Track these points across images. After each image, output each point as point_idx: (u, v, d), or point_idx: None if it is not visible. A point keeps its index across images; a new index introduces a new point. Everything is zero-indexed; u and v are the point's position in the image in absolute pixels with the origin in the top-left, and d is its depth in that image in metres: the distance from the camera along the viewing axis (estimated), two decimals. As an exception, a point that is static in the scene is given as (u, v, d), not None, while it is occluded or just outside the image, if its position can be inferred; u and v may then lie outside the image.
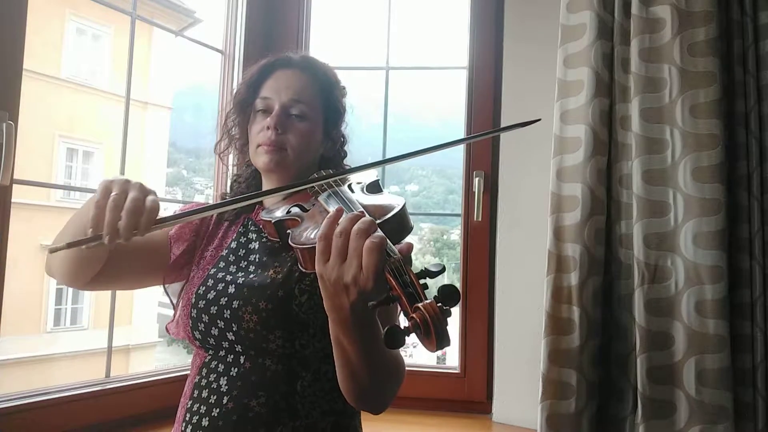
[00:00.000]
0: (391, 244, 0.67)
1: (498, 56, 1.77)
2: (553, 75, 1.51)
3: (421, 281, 0.64)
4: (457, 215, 1.82)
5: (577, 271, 1.38)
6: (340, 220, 0.69)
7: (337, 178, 0.91)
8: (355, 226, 0.67)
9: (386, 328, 0.59)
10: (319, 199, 0.89)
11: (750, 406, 1.33)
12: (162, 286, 1.07)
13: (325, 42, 2.19)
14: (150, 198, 0.77)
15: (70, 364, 7.78)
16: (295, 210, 0.91)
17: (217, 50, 1.87)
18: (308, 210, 0.90)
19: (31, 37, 1.29)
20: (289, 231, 0.84)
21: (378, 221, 0.74)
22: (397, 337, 0.59)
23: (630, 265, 1.40)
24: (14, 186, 1.25)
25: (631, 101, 1.42)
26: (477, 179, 1.74)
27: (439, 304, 0.59)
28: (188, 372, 1.02)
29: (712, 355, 1.28)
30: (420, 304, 0.59)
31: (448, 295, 0.61)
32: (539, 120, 0.99)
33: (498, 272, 1.72)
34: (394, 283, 0.63)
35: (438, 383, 1.72)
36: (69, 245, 0.74)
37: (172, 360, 9.74)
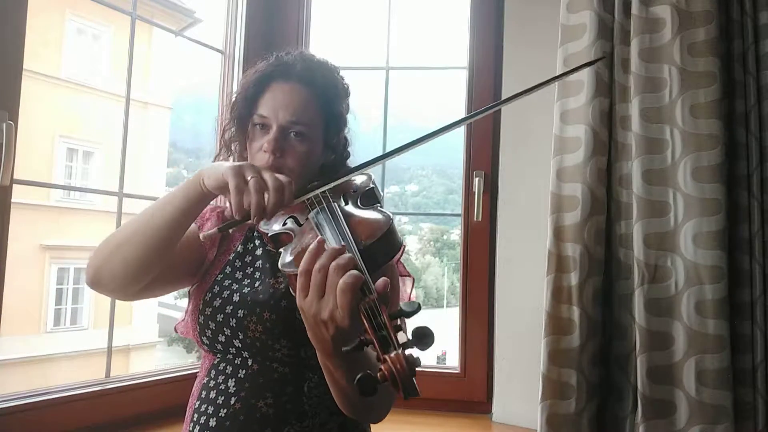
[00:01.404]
0: (369, 279, 0.67)
1: (498, 56, 1.77)
2: (553, 75, 1.51)
3: (396, 322, 0.64)
4: (457, 215, 1.82)
5: (577, 271, 1.38)
6: (322, 254, 0.70)
7: (337, 183, 0.89)
8: (334, 262, 0.68)
9: (358, 377, 0.60)
10: (309, 216, 0.88)
11: (750, 406, 1.33)
12: (189, 288, 1.06)
13: (326, 42, 2.19)
14: (282, 175, 0.80)
15: (70, 364, 7.78)
16: (290, 223, 0.91)
17: (217, 50, 1.87)
18: (302, 225, 0.89)
19: (31, 37, 1.29)
20: (281, 250, 0.85)
21: (364, 243, 0.75)
22: (369, 386, 0.59)
23: (630, 265, 1.40)
24: (14, 186, 1.25)
25: (631, 101, 1.41)
26: (477, 179, 1.74)
27: (409, 352, 0.59)
28: (188, 372, 1.03)
29: (712, 355, 1.28)
30: (388, 356, 0.60)
31: (420, 337, 0.62)
32: (604, 57, 0.98)
33: (498, 272, 1.72)
34: (367, 325, 0.64)
35: (438, 383, 1.72)
36: (220, 230, 0.79)
37: (172, 360, 9.74)
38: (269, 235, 0.90)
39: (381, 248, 0.78)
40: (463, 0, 1.85)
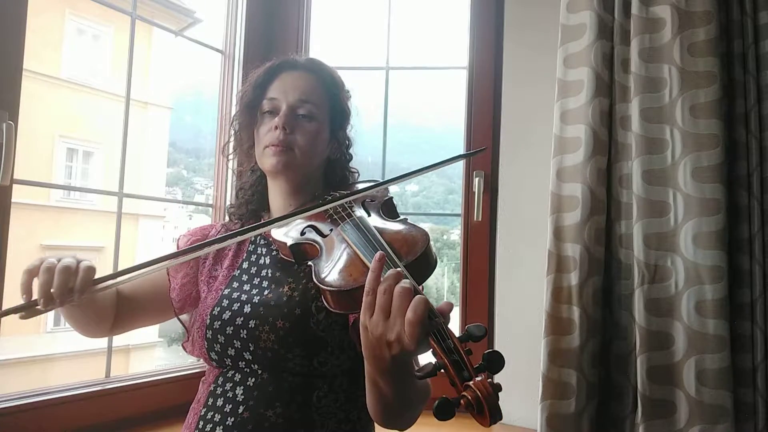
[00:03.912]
0: (431, 305, 0.67)
1: (498, 56, 1.77)
2: (553, 75, 1.51)
3: (465, 345, 0.64)
4: (457, 215, 1.82)
5: (577, 271, 1.38)
6: (384, 275, 0.70)
7: (351, 198, 0.90)
8: (398, 286, 0.68)
9: (437, 402, 0.60)
10: (338, 228, 0.88)
11: (750, 406, 1.33)
12: (176, 316, 1.07)
13: (325, 42, 2.19)
14: (84, 261, 0.78)
15: (70, 364, 7.77)
16: (311, 233, 0.90)
17: (217, 50, 1.87)
18: (326, 236, 0.88)
19: (31, 37, 1.29)
20: (309, 262, 0.84)
21: (406, 260, 0.75)
22: (449, 410, 0.60)
23: (630, 265, 1.40)
24: (14, 186, 1.25)
25: (631, 101, 1.41)
26: (477, 179, 1.74)
27: (489, 380, 0.59)
28: (188, 372, 1.02)
29: (712, 355, 1.28)
30: (471, 383, 0.59)
31: (494, 362, 0.62)
32: (484, 149, 1.02)
33: (498, 272, 1.72)
34: (437, 348, 0.64)
35: (438, 383, 1.71)
36: (22, 317, 0.75)
37: (172, 360, 9.73)
38: (289, 245, 0.89)
39: (423, 265, 0.78)
40: (463, 0, 1.85)
